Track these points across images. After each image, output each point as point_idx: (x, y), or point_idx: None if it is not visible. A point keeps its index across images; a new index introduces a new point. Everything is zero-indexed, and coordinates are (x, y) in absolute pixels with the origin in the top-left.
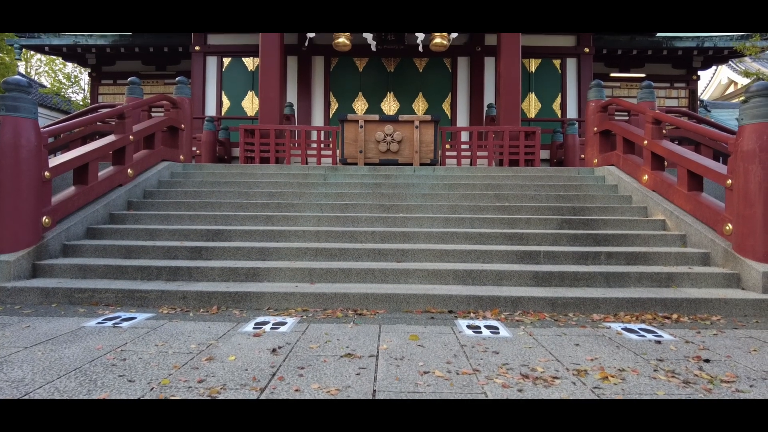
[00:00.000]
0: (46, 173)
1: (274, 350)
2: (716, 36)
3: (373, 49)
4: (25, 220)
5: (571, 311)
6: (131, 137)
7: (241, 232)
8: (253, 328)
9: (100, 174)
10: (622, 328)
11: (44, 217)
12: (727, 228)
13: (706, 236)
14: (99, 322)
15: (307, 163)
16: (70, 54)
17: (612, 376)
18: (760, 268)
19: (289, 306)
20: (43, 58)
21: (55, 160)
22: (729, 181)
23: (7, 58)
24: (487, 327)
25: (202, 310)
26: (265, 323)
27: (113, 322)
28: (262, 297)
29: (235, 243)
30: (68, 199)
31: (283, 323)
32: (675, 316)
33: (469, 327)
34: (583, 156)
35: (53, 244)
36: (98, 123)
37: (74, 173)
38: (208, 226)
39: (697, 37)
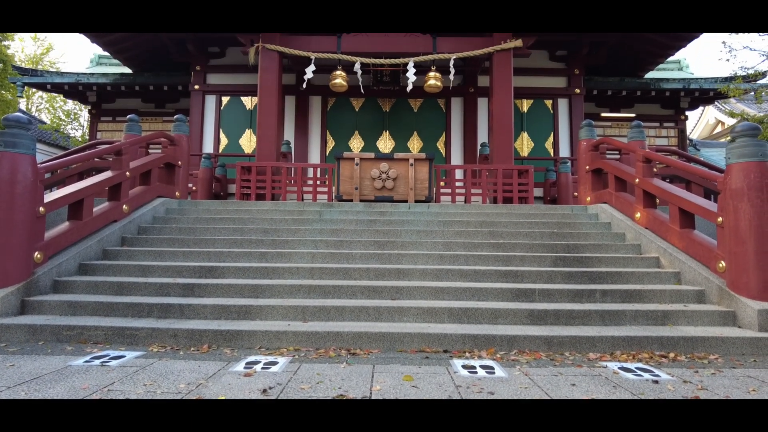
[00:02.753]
0: (41, 209)
1: (264, 390)
2: (701, 78)
3: (361, 89)
4: (17, 255)
5: (567, 350)
6: (128, 174)
7: (235, 269)
8: (244, 367)
9: (95, 210)
10: (619, 368)
11: (36, 253)
12: (720, 265)
13: (700, 273)
14: (86, 361)
15: (302, 199)
16: (72, 92)
17: None
18: (755, 305)
19: (281, 345)
20: (44, 95)
21: (50, 196)
22: (720, 219)
23: (9, 96)
24: (483, 367)
25: (192, 348)
26: (256, 363)
27: (101, 360)
28: (254, 335)
29: (228, 280)
30: (62, 235)
31: (275, 363)
32: (672, 354)
33: (464, 367)
34: (576, 194)
35: (44, 280)
36: (96, 159)
37: (69, 209)
38: (202, 262)
39: (683, 79)
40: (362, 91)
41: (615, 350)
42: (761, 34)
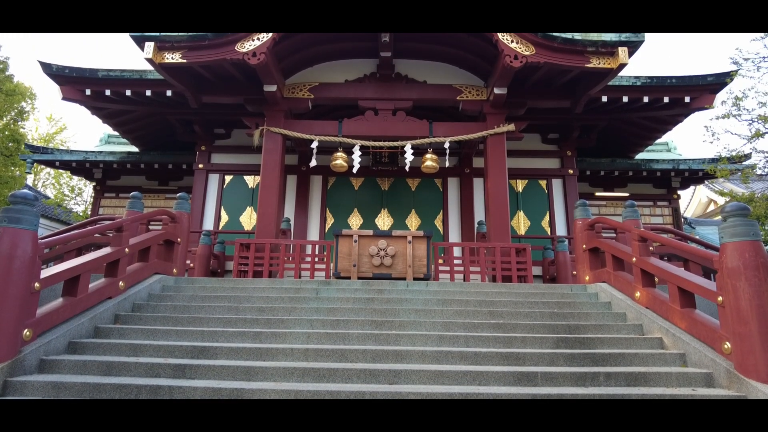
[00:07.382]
0: (36, 284)
1: None
2: (690, 159)
3: (354, 169)
4: (5, 333)
5: None
6: (126, 250)
7: (228, 350)
8: None
9: (90, 286)
10: None
11: (26, 330)
12: (726, 346)
13: (706, 355)
14: None
15: (300, 276)
16: (79, 168)
17: None
18: (767, 390)
19: None
20: (51, 171)
21: (47, 271)
22: (720, 298)
23: (17, 172)
24: None
25: None
26: None
27: None
28: None
29: (220, 361)
30: (54, 311)
31: None
32: None
33: None
34: (575, 272)
35: (30, 359)
36: (96, 234)
37: (64, 284)
38: (195, 342)
39: (673, 160)
40: (355, 169)
41: None
42: (740, 119)
